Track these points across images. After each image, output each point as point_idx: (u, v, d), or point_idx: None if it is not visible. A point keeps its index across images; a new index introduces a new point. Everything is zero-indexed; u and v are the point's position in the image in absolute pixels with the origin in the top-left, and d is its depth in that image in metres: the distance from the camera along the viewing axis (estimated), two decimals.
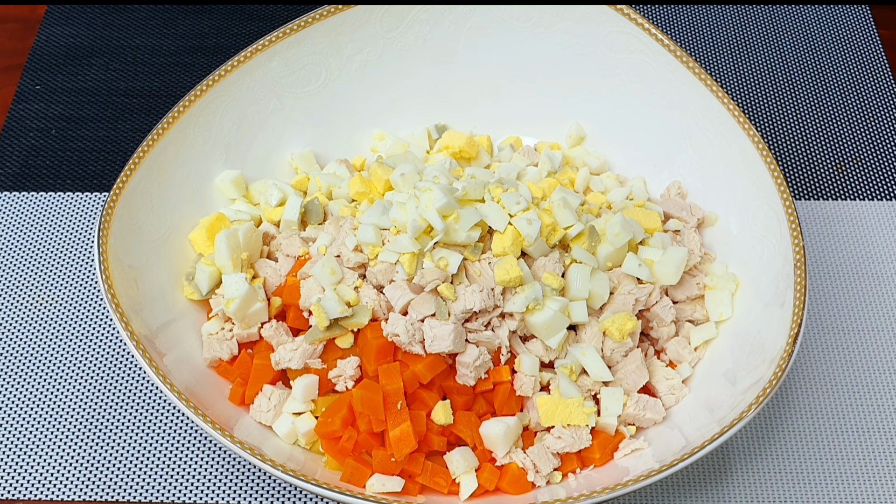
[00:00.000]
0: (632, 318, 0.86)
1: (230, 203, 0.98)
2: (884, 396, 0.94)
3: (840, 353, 0.97)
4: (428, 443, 0.83)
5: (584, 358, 0.85)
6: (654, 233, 0.93)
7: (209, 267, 0.90)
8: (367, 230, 0.87)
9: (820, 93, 1.19)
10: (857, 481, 0.89)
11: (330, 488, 0.75)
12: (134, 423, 0.93)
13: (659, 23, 1.26)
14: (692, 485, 0.89)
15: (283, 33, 0.98)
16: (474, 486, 0.82)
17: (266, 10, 1.28)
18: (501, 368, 0.85)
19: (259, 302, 0.88)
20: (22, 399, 0.94)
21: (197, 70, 1.21)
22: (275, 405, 0.85)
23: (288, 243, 0.93)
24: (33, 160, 1.13)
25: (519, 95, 1.05)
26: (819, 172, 1.11)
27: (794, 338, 0.80)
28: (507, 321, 0.85)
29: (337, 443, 0.83)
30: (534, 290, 0.84)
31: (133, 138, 1.14)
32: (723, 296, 0.91)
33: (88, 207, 1.08)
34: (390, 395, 0.82)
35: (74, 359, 0.97)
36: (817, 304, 1.00)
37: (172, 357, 0.84)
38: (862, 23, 1.25)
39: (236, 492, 0.89)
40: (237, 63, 0.96)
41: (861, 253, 1.04)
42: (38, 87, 1.19)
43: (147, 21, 1.26)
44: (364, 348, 0.85)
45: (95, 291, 1.02)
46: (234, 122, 0.98)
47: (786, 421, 0.93)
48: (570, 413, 0.83)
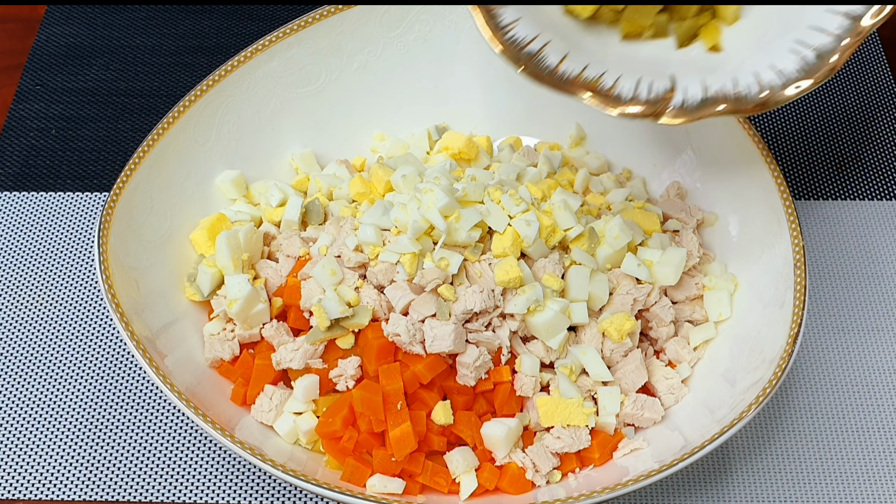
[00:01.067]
0: (630, 318, 0.86)
1: (230, 203, 0.98)
2: (884, 396, 0.94)
3: (840, 353, 0.97)
4: (428, 443, 0.83)
5: (584, 358, 0.85)
6: (654, 233, 0.93)
7: (211, 268, 0.91)
8: (368, 230, 0.87)
9: (820, 93, 1.19)
10: (857, 481, 0.89)
11: (330, 488, 0.76)
12: (134, 423, 0.93)
13: None
14: (692, 485, 0.89)
15: (283, 33, 0.98)
16: (474, 486, 0.82)
17: (266, 10, 1.28)
18: (502, 369, 0.85)
19: (261, 303, 0.88)
20: (22, 399, 0.94)
21: (197, 70, 1.21)
22: (276, 405, 0.86)
23: (288, 244, 0.93)
24: (33, 160, 1.13)
25: (519, 95, 1.05)
26: (819, 172, 1.11)
27: (793, 338, 0.80)
28: (508, 322, 0.85)
29: (338, 443, 0.84)
30: (534, 291, 0.84)
31: (133, 138, 1.14)
32: (722, 296, 0.91)
33: (88, 207, 1.08)
34: (390, 395, 0.83)
35: (75, 359, 0.97)
36: (817, 304, 1.00)
37: (174, 358, 0.84)
38: None
39: (236, 492, 0.89)
40: (237, 63, 0.96)
41: (861, 253, 1.04)
42: (38, 87, 1.19)
43: (147, 21, 1.26)
44: (365, 348, 0.85)
45: (95, 291, 1.02)
46: (234, 122, 0.98)
47: (786, 421, 0.93)
48: (570, 413, 0.84)
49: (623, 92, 0.76)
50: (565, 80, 0.77)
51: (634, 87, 0.77)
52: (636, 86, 0.77)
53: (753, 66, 0.78)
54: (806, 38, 0.77)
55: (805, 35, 0.78)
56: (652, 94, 0.77)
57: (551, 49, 0.77)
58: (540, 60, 0.76)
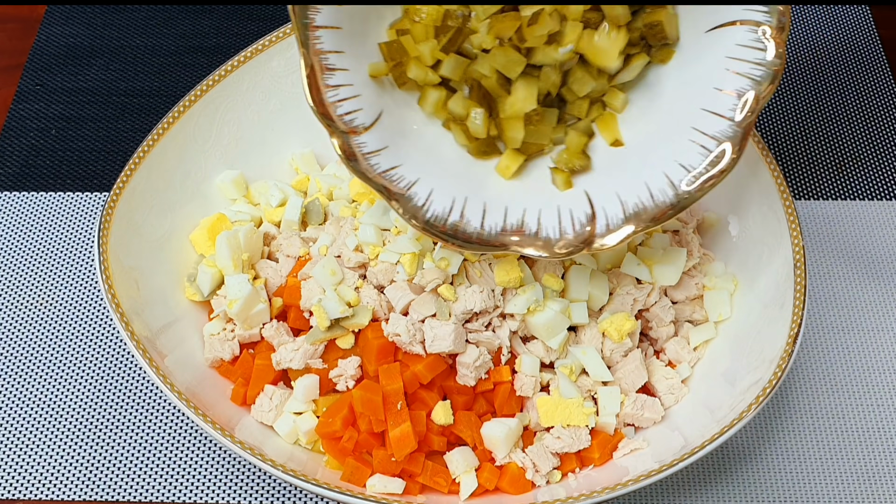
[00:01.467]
0: (630, 318, 0.86)
1: (230, 203, 0.98)
2: (884, 396, 0.94)
3: (840, 353, 0.97)
4: (428, 443, 0.83)
5: (584, 358, 0.85)
6: (654, 233, 0.93)
7: (211, 268, 0.91)
8: (368, 230, 0.87)
9: (820, 93, 1.19)
10: (857, 481, 0.89)
11: (330, 488, 0.76)
12: (134, 423, 0.93)
13: None
14: (692, 485, 0.89)
15: (283, 33, 0.98)
16: (474, 486, 0.82)
17: (266, 10, 1.28)
18: (502, 368, 0.85)
19: (261, 303, 0.88)
20: (22, 399, 0.94)
21: (197, 70, 1.21)
22: (276, 405, 0.86)
23: (288, 244, 0.93)
24: (33, 160, 1.13)
25: None
26: (819, 172, 1.11)
27: (794, 338, 0.80)
28: (508, 322, 0.85)
29: (338, 443, 0.84)
30: (535, 291, 0.84)
31: (133, 138, 1.14)
32: (722, 296, 0.91)
33: (88, 207, 1.08)
34: (390, 395, 0.83)
35: (75, 359, 0.97)
36: (817, 304, 1.00)
37: (173, 358, 0.84)
38: (862, 23, 1.25)
39: (236, 492, 0.89)
40: (237, 63, 0.96)
41: (861, 253, 1.04)
42: (38, 87, 1.19)
43: (147, 21, 1.26)
44: (365, 348, 0.85)
45: (95, 291, 1.02)
46: (234, 122, 0.98)
47: (786, 421, 0.93)
48: (570, 413, 0.84)
49: (550, 232, 0.77)
50: (493, 236, 0.77)
51: (558, 221, 0.77)
52: (559, 220, 0.77)
53: (661, 165, 0.77)
54: (701, 124, 0.76)
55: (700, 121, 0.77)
56: (577, 227, 0.77)
57: (470, 211, 0.77)
58: (465, 227, 0.77)
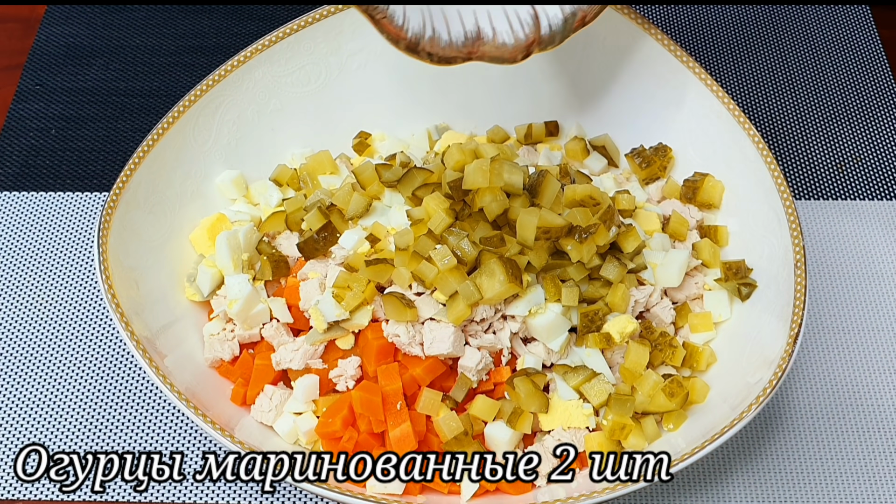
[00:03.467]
0: (632, 320, 0.86)
1: (230, 203, 0.98)
2: (884, 396, 0.94)
3: (840, 353, 0.97)
4: (428, 443, 0.83)
5: (588, 359, 0.85)
6: (654, 234, 0.93)
7: (211, 269, 0.91)
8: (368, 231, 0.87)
9: (820, 93, 1.19)
10: (857, 481, 0.89)
11: (330, 488, 0.76)
12: (134, 423, 0.93)
13: (659, 23, 1.26)
14: (692, 485, 0.89)
15: (283, 33, 0.98)
16: (475, 487, 0.82)
17: (266, 10, 1.28)
18: (502, 369, 0.85)
19: (261, 303, 0.88)
20: (22, 399, 0.94)
21: (197, 70, 1.21)
22: (276, 405, 0.86)
23: (288, 244, 0.93)
24: (33, 160, 1.13)
25: (519, 95, 1.05)
26: (819, 172, 1.11)
27: (794, 338, 0.80)
28: (509, 323, 0.85)
29: (337, 443, 0.83)
30: (536, 294, 0.84)
31: (133, 138, 1.14)
32: (722, 296, 0.91)
33: (88, 207, 1.08)
34: (389, 395, 0.83)
35: (75, 359, 0.97)
36: (817, 304, 1.00)
37: (173, 358, 0.84)
38: (862, 23, 1.25)
39: (236, 492, 0.89)
40: (237, 63, 0.96)
41: (861, 253, 1.04)
42: (38, 87, 1.19)
43: (147, 21, 1.26)
44: (365, 349, 0.85)
45: (95, 292, 1.02)
46: (234, 122, 0.98)
47: (786, 421, 0.93)
48: (570, 414, 0.84)
49: (505, 37, 0.84)
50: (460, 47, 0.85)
51: (508, 24, 0.85)
52: (509, 22, 0.85)
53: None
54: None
55: None
56: (525, 26, 0.84)
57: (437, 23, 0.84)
58: (439, 42, 0.84)
